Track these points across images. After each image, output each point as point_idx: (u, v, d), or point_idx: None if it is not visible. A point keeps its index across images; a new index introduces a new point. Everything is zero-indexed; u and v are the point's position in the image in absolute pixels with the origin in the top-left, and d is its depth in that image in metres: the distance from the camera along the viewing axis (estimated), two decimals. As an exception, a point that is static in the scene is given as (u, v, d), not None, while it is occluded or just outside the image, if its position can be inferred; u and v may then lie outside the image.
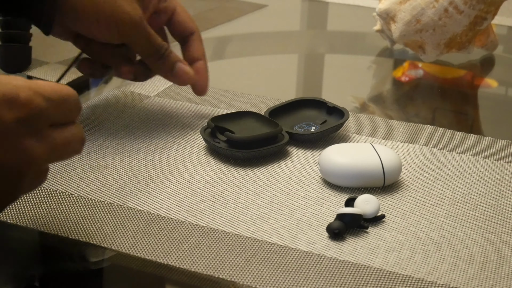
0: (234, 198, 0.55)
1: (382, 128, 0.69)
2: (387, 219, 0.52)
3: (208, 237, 0.50)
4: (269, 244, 0.49)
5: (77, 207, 0.53)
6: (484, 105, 0.84)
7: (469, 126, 0.77)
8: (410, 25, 0.84)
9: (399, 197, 0.56)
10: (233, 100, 0.74)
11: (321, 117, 0.67)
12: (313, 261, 0.47)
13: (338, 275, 0.46)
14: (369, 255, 0.48)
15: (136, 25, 0.60)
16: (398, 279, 0.46)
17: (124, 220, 0.51)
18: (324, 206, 0.54)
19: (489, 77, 0.93)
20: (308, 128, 0.65)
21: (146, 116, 0.69)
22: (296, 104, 0.68)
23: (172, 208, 0.53)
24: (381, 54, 0.97)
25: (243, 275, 0.46)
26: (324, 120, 0.66)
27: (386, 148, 0.57)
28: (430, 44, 0.85)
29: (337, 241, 0.50)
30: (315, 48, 1.06)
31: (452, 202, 0.55)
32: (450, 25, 0.83)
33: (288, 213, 0.53)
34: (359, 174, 0.56)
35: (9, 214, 0.51)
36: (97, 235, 0.49)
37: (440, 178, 0.59)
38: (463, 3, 0.82)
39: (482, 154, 0.63)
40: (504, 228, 0.52)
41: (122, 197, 0.54)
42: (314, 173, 0.59)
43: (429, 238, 0.50)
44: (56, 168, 0.58)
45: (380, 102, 0.83)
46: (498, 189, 0.57)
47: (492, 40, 0.92)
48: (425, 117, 0.77)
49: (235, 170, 0.59)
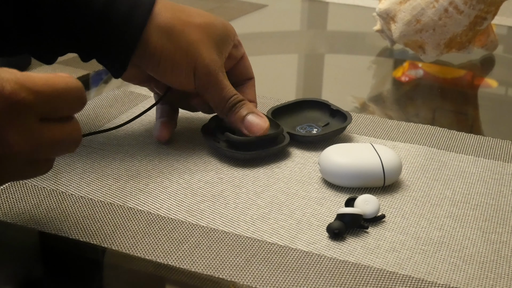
0: (234, 198, 0.55)
1: (382, 128, 0.69)
2: (387, 219, 0.52)
3: (208, 237, 0.50)
4: (269, 244, 0.49)
5: (77, 207, 0.53)
6: (484, 105, 0.84)
7: (469, 126, 0.77)
8: (410, 25, 0.84)
9: (399, 197, 0.56)
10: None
11: (324, 119, 0.67)
12: (313, 261, 0.47)
13: (338, 275, 0.46)
14: (369, 255, 0.48)
15: (213, 78, 0.59)
16: (398, 279, 0.46)
17: (124, 220, 0.51)
18: (324, 206, 0.54)
19: (489, 77, 0.93)
20: (310, 129, 0.65)
21: (146, 116, 0.69)
22: (299, 105, 0.68)
23: (172, 208, 0.53)
24: (381, 54, 0.97)
25: (243, 275, 0.46)
26: (327, 122, 0.66)
27: (386, 148, 0.57)
28: (430, 44, 0.85)
29: (337, 241, 0.50)
30: (315, 48, 1.06)
31: (452, 202, 0.55)
32: (450, 25, 0.83)
33: (288, 213, 0.53)
34: (359, 174, 0.56)
35: (9, 214, 0.51)
36: (97, 235, 0.49)
37: (440, 178, 0.59)
38: (463, 3, 0.82)
39: (482, 154, 0.63)
40: (504, 228, 0.52)
41: (122, 197, 0.54)
42: (314, 173, 0.59)
43: (429, 238, 0.50)
44: (56, 168, 0.58)
45: (380, 102, 0.83)
46: (498, 189, 0.57)
47: (492, 40, 0.92)
48: (425, 117, 0.77)
49: (235, 170, 0.59)
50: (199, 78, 0.59)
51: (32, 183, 0.55)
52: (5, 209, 0.52)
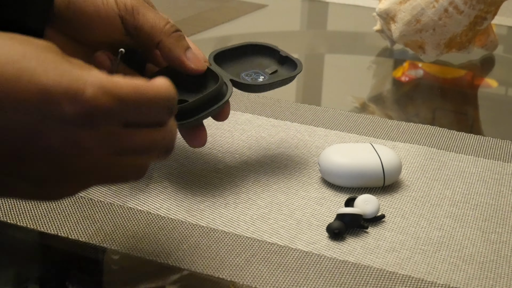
0: (234, 198, 0.55)
1: (382, 128, 0.69)
2: (387, 219, 0.52)
3: (208, 237, 0.50)
4: (269, 244, 0.49)
5: (77, 207, 0.53)
6: (484, 105, 0.84)
7: (469, 126, 0.77)
8: (410, 25, 0.84)
9: (399, 197, 0.56)
10: (233, 100, 0.74)
11: (272, 66, 0.60)
12: (313, 261, 0.47)
13: (338, 275, 0.46)
14: (369, 255, 0.48)
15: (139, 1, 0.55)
16: (398, 279, 0.46)
17: (124, 220, 0.51)
18: (324, 206, 0.54)
19: (489, 77, 0.93)
20: (256, 77, 0.59)
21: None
22: (245, 49, 0.61)
23: (172, 208, 0.53)
24: (381, 54, 0.97)
25: (243, 275, 0.46)
26: (275, 69, 0.59)
27: (386, 148, 0.57)
28: (430, 44, 0.85)
29: (337, 241, 0.50)
30: (315, 48, 1.06)
31: (452, 202, 0.55)
32: (450, 25, 0.83)
33: (288, 213, 0.53)
34: (359, 174, 0.56)
35: (9, 214, 0.51)
36: (97, 235, 0.49)
37: (440, 178, 0.59)
38: (463, 3, 0.82)
39: (482, 154, 0.63)
40: (504, 228, 0.52)
41: (122, 197, 0.54)
42: (314, 173, 0.59)
43: (429, 238, 0.50)
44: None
45: (380, 102, 0.83)
46: (498, 189, 0.57)
47: (492, 40, 0.92)
48: (425, 117, 0.77)
49: (235, 170, 0.59)
50: (123, 3, 0.54)
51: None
52: (5, 209, 0.52)
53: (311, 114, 0.71)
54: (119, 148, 0.39)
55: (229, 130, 0.67)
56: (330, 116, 0.71)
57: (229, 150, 0.63)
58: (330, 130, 0.68)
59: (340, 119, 0.70)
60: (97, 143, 0.38)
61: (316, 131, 0.67)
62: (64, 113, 0.37)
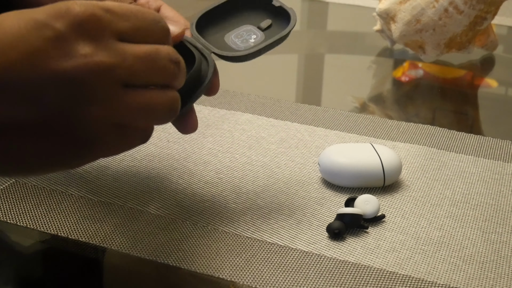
0: (234, 198, 0.55)
1: (382, 128, 0.69)
2: (387, 219, 0.52)
3: (208, 237, 0.50)
4: (269, 244, 0.49)
5: (77, 207, 0.53)
6: (484, 105, 0.84)
7: (469, 126, 0.77)
8: (410, 25, 0.84)
9: (399, 197, 0.56)
10: (233, 100, 0.74)
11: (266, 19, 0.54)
12: (313, 261, 0.47)
13: (338, 275, 0.46)
14: (369, 255, 0.48)
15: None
16: (398, 279, 0.46)
17: (124, 220, 0.51)
18: (324, 206, 0.54)
19: (489, 77, 0.93)
20: (248, 37, 0.53)
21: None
22: (233, 4, 0.55)
23: (172, 208, 0.53)
24: (381, 54, 0.97)
25: (243, 275, 0.46)
26: (269, 23, 0.54)
27: (386, 148, 0.57)
28: (430, 44, 0.85)
29: (337, 241, 0.50)
30: (315, 48, 1.06)
31: (452, 202, 0.55)
32: (450, 25, 0.83)
33: (288, 213, 0.53)
34: (359, 174, 0.56)
35: (9, 214, 0.51)
36: (97, 235, 0.49)
37: (440, 178, 0.59)
38: (463, 3, 0.82)
39: (482, 154, 0.63)
40: (504, 228, 0.52)
41: (122, 197, 0.54)
42: (314, 173, 0.59)
43: (429, 238, 0.50)
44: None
45: (380, 102, 0.83)
46: (498, 189, 0.57)
47: (492, 40, 0.92)
48: (425, 117, 0.77)
49: (235, 170, 0.59)
50: None
51: (32, 183, 0.55)
52: (5, 209, 0.52)
53: (311, 114, 0.71)
54: (123, 59, 0.38)
55: (229, 130, 0.67)
56: (330, 116, 0.71)
57: (229, 150, 0.63)
58: (330, 130, 0.68)
59: (340, 119, 0.70)
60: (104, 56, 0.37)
61: (316, 131, 0.67)
62: (57, 30, 0.37)
